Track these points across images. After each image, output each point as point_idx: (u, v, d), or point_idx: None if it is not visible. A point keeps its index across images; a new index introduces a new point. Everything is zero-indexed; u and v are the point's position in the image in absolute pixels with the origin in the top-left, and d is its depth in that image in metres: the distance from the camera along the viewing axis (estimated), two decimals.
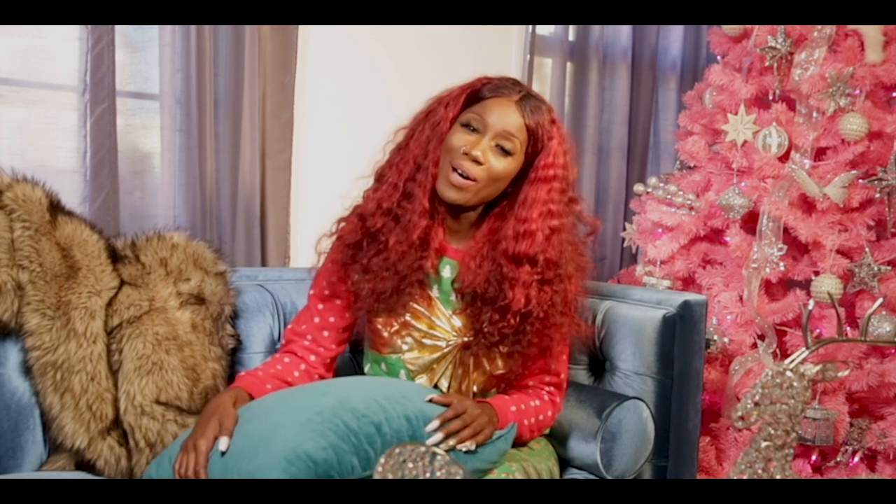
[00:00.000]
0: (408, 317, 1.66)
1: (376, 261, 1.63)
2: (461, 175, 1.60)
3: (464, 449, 1.48)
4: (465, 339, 1.66)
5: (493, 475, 1.55)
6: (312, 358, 1.68)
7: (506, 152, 1.62)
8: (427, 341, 1.67)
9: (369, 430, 1.41)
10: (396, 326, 1.67)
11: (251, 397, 1.57)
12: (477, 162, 1.60)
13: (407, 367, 1.68)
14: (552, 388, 1.73)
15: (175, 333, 1.71)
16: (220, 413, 1.46)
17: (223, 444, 1.41)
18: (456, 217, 1.69)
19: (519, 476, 1.57)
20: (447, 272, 1.69)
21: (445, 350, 1.67)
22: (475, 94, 1.65)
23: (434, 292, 1.68)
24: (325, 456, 1.35)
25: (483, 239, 1.66)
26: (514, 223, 1.63)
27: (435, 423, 1.48)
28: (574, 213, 1.69)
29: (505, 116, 1.62)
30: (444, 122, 1.64)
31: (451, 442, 1.47)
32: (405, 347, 1.68)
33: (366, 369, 1.77)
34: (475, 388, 1.69)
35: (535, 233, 1.61)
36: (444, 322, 1.67)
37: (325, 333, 1.70)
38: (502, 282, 1.61)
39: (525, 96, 1.65)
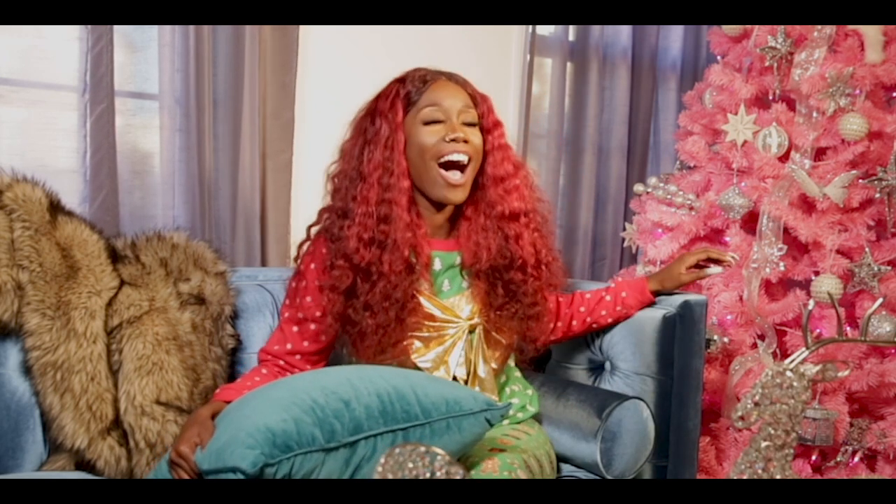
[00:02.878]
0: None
1: (374, 293, 1.62)
2: (459, 169, 1.64)
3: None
4: (473, 320, 1.69)
5: (496, 474, 1.54)
6: (288, 375, 1.68)
7: (472, 125, 1.68)
8: (432, 334, 1.68)
9: (337, 406, 1.41)
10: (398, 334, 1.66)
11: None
12: (464, 142, 1.64)
13: (419, 366, 1.66)
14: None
15: (175, 333, 1.71)
16: (200, 425, 1.46)
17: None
18: (439, 211, 1.71)
19: (521, 472, 1.56)
20: (437, 265, 1.70)
21: (454, 336, 1.68)
22: (408, 97, 1.68)
23: (425, 288, 1.68)
24: (284, 427, 1.35)
25: (475, 215, 1.70)
26: (495, 183, 1.69)
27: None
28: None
29: (454, 95, 1.67)
30: (396, 132, 1.64)
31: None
32: (413, 348, 1.67)
33: None
34: (494, 365, 1.72)
35: (519, 186, 1.71)
36: (442, 312, 1.68)
37: (297, 357, 1.70)
38: (509, 242, 1.68)
39: (447, 72, 1.72)
